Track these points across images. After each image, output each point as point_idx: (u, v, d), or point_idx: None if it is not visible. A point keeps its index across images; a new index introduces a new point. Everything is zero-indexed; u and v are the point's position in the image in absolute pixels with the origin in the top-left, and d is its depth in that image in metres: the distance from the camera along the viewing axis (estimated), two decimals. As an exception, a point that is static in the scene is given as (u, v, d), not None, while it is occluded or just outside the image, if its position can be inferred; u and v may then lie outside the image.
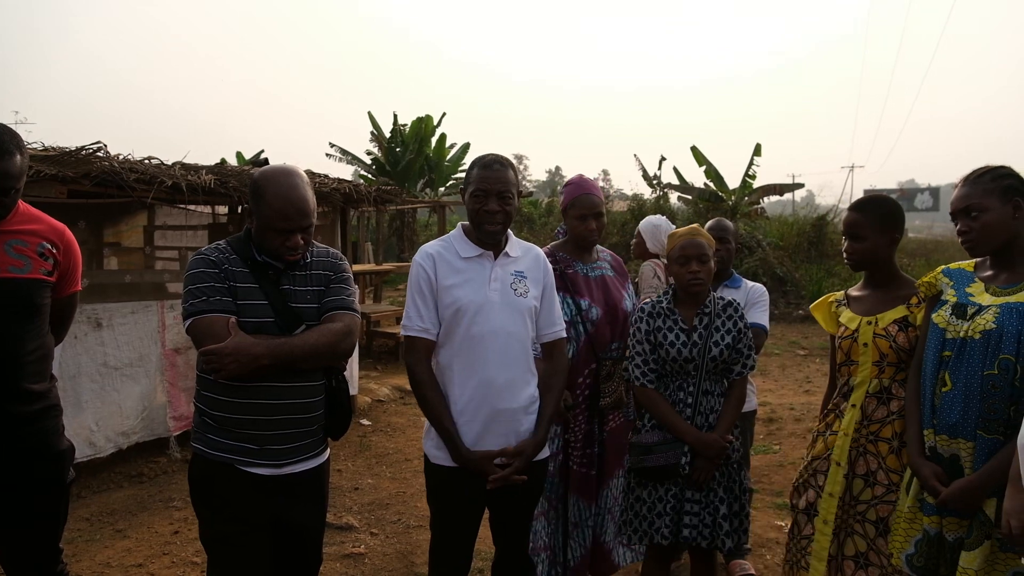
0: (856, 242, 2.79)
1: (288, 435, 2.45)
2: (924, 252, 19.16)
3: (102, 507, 4.95)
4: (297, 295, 2.48)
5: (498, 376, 2.59)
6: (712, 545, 2.96)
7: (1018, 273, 2.38)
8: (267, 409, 2.40)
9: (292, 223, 2.38)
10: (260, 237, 2.44)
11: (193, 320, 2.35)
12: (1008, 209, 2.36)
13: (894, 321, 2.70)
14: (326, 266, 2.58)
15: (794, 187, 20.66)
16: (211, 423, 2.42)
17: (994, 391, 2.28)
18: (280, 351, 2.35)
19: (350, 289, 2.60)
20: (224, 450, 2.41)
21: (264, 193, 2.39)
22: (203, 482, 2.48)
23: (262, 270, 2.46)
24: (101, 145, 5.09)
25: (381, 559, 4.28)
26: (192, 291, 2.37)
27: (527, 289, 2.69)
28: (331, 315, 2.50)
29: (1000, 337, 2.28)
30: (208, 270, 2.39)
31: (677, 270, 3.02)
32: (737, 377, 3.04)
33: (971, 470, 2.32)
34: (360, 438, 6.71)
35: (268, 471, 2.43)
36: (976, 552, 2.29)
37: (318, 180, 6.90)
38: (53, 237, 2.67)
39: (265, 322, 2.40)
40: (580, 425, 3.19)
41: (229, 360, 2.27)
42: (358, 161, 24.83)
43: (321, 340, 2.42)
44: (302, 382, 2.46)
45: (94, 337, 5.18)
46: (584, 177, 3.39)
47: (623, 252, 18.96)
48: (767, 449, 6.33)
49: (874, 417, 2.71)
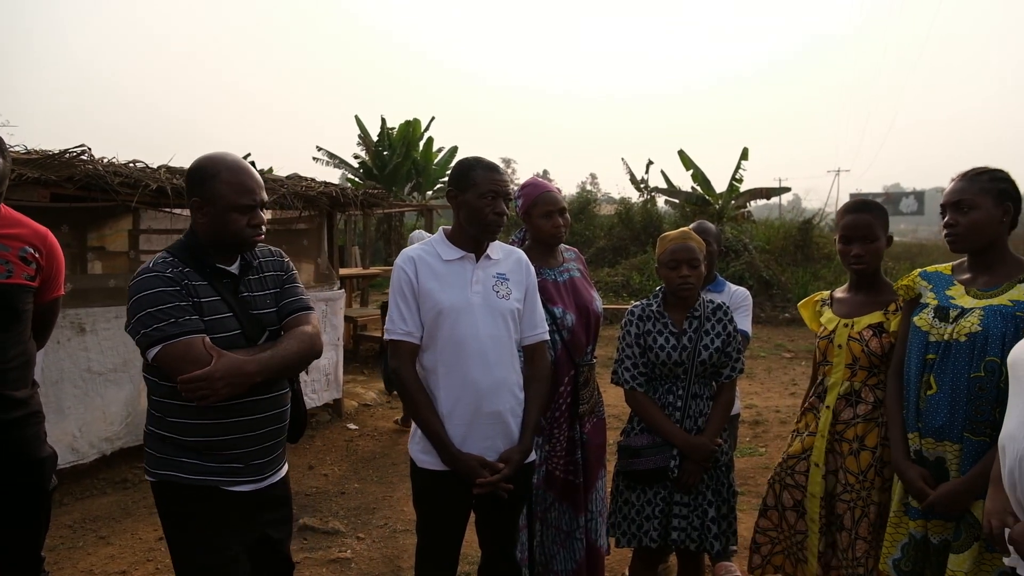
0: (870, 243, 2.74)
1: (268, 447, 2.39)
2: (909, 256, 19.27)
3: (85, 513, 4.89)
4: (256, 301, 2.38)
5: (483, 379, 2.58)
6: (701, 548, 2.97)
7: (998, 276, 2.40)
8: (250, 425, 2.31)
9: (254, 195, 2.28)
10: (218, 226, 2.27)
11: (164, 347, 2.13)
12: (998, 212, 2.38)
13: (869, 326, 2.71)
14: (275, 266, 2.49)
15: (781, 191, 20.75)
16: (185, 448, 2.26)
17: (981, 393, 2.29)
18: (271, 365, 2.25)
19: (302, 287, 2.54)
20: (207, 473, 2.27)
21: (217, 173, 2.25)
22: (182, 511, 2.31)
23: (219, 280, 2.32)
24: (85, 148, 5.02)
25: (367, 563, 4.25)
26: (152, 314, 2.14)
27: (509, 291, 2.68)
28: (296, 317, 2.42)
29: (986, 339, 2.29)
30: (167, 288, 2.18)
31: (667, 274, 3.01)
32: (726, 380, 3.04)
33: (957, 473, 2.34)
34: (347, 442, 6.67)
35: (251, 487, 2.35)
36: (966, 554, 2.30)
37: (305, 183, 6.86)
38: (36, 241, 2.64)
39: (233, 335, 2.27)
40: (563, 433, 3.17)
41: (221, 384, 2.12)
42: (345, 165, 24.74)
43: (303, 347, 2.35)
44: (277, 392, 2.39)
45: (77, 342, 5.13)
46: (538, 178, 3.40)
47: (609, 255, 19.05)
48: (753, 451, 6.34)
49: (840, 418, 2.73)
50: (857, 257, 2.75)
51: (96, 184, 4.99)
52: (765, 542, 2.91)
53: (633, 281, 16.68)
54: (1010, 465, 1.84)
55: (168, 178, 5.41)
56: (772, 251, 17.20)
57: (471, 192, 2.62)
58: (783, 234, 18.19)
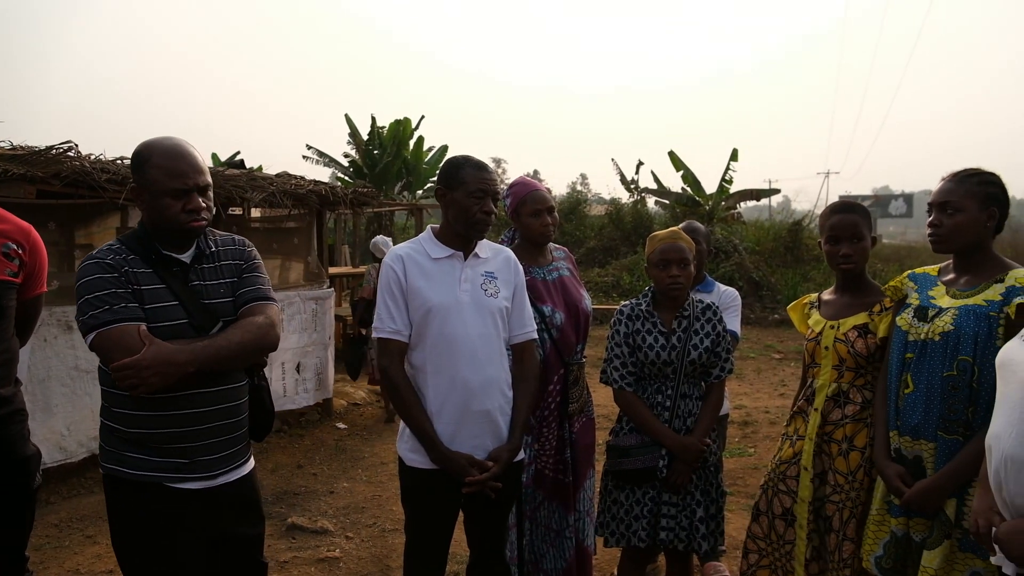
0: (857, 243, 2.75)
1: (218, 443, 2.26)
2: (898, 258, 19.39)
3: (72, 513, 4.86)
4: (209, 290, 2.29)
5: (472, 377, 2.57)
6: (689, 548, 2.97)
7: (979, 277, 2.42)
8: (194, 419, 2.20)
9: (188, 180, 2.17)
10: (155, 214, 2.20)
11: (98, 333, 2.08)
12: (983, 216, 2.40)
13: (854, 327, 2.72)
14: (235, 255, 2.40)
15: (771, 192, 20.83)
16: (128, 441, 2.19)
17: (954, 392, 2.32)
18: (205, 355, 2.14)
19: (264, 277, 2.44)
20: (148, 468, 2.18)
21: (150, 157, 2.18)
22: (127, 509, 2.22)
23: (167, 267, 2.24)
24: (72, 144, 5.00)
25: (356, 563, 4.24)
26: (90, 301, 2.10)
27: (497, 290, 2.68)
28: (250, 307, 2.31)
29: (958, 339, 2.32)
30: (105, 275, 2.13)
31: (656, 273, 3.01)
32: (715, 380, 3.05)
33: (933, 471, 2.37)
34: (336, 441, 6.66)
35: (200, 484, 2.23)
36: (936, 551, 2.33)
37: (295, 182, 6.84)
38: (19, 237, 2.61)
39: (179, 324, 2.19)
40: (553, 432, 3.17)
41: (149, 373, 2.03)
42: (335, 163, 24.65)
43: (247, 337, 2.23)
44: (227, 385, 2.28)
45: (64, 340, 5.09)
46: (526, 177, 3.41)
47: (600, 255, 19.07)
48: (742, 452, 6.36)
49: (829, 419, 2.74)
50: (846, 257, 2.75)
51: (83, 181, 4.96)
52: (754, 549, 2.91)
53: (623, 281, 16.71)
54: (996, 465, 1.85)
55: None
56: (762, 252, 17.27)
57: (460, 190, 2.62)
58: (773, 235, 18.27)
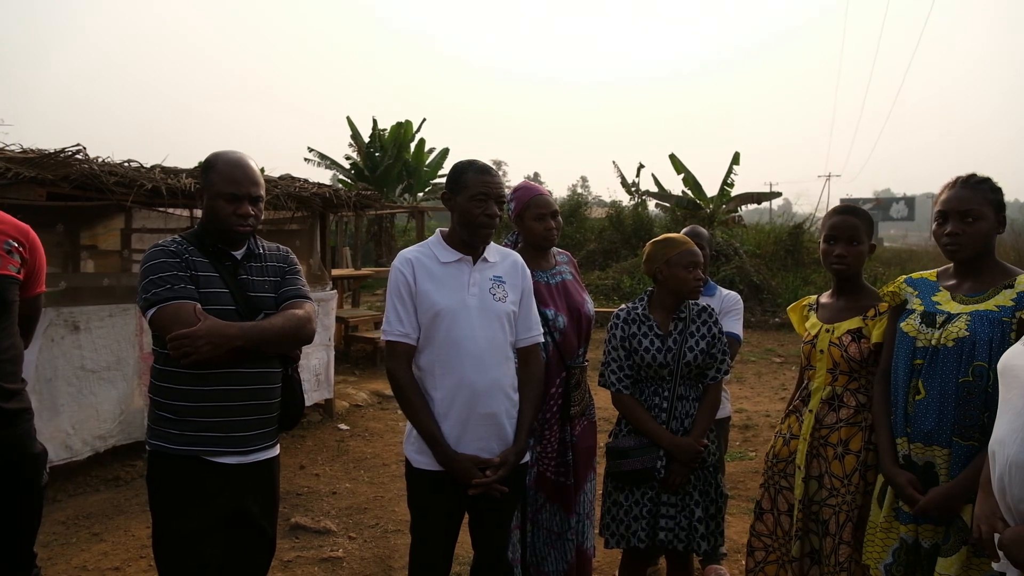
0: (853, 245, 2.77)
1: (253, 421, 2.49)
2: (899, 261, 19.39)
3: (78, 510, 4.91)
4: (255, 285, 2.55)
5: (478, 380, 2.61)
6: (688, 548, 3.01)
7: (983, 282, 2.43)
8: (234, 395, 2.44)
9: (241, 188, 2.47)
10: (211, 214, 2.49)
11: (159, 308, 2.34)
12: (995, 223, 2.43)
13: (848, 331, 2.75)
14: (279, 259, 2.69)
15: (771, 196, 20.87)
16: (170, 416, 2.41)
17: (969, 398, 2.31)
18: (252, 333, 2.41)
19: (303, 281, 2.72)
20: (188, 443, 2.40)
21: (215, 164, 2.49)
22: (166, 480, 2.45)
23: (220, 260, 2.52)
24: (81, 147, 5.05)
25: (359, 563, 4.28)
26: (154, 280, 2.37)
27: (505, 294, 2.72)
28: (292, 303, 2.58)
29: (974, 345, 2.32)
30: (169, 259, 2.42)
31: (683, 275, 3.03)
32: (712, 382, 3.09)
33: (947, 477, 2.35)
34: (338, 443, 6.70)
35: (235, 459, 2.45)
36: (953, 558, 2.32)
37: (297, 184, 6.88)
38: (18, 235, 2.66)
39: (227, 310, 2.44)
40: (554, 434, 3.21)
41: (203, 343, 2.28)
42: (337, 166, 24.70)
43: (287, 324, 2.50)
44: (265, 368, 2.52)
45: (71, 340, 5.14)
46: (530, 181, 3.46)
47: (600, 258, 19.08)
48: (742, 455, 6.39)
49: (824, 423, 2.77)
50: (839, 257, 2.77)
51: (91, 184, 5.00)
52: (759, 547, 2.92)
53: (624, 284, 16.71)
54: (1000, 470, 1.86)
55: (163, 178, 5.43)
56: (762, 256, 17.29)
57: (463, 194, 2.66)
58: (773, 239, 18.27)
